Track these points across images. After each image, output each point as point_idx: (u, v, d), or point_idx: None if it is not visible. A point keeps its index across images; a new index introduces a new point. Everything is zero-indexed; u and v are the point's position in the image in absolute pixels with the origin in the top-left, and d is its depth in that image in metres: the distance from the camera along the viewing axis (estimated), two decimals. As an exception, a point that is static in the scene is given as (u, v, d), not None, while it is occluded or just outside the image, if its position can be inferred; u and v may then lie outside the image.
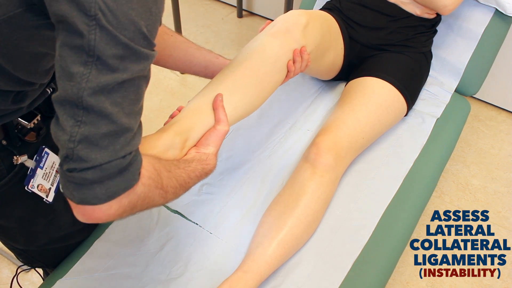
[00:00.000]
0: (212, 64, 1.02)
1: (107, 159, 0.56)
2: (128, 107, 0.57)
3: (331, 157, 1.05)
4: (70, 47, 0.53)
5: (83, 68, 0.52)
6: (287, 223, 0.98)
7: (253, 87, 0.95)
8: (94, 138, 0.55)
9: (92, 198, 0.57)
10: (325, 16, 1.23)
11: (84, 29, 0.51)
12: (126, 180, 0.59)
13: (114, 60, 0.53)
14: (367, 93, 1.17)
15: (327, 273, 0.98)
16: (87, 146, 0.55)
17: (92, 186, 0.56)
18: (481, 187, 1.78)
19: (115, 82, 0.54)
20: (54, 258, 1.05)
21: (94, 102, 0.53)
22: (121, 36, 0.53)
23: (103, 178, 0.56)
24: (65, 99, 0.54)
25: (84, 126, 0.54)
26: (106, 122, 0.55)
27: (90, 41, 0.52)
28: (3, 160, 0.77)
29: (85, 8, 0.51)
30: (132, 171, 0.60)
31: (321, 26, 1.13)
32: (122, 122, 0.56)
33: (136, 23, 0.54)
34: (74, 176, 0.56)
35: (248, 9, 2.61)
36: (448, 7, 1.18)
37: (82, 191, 0.57)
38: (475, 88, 1.41)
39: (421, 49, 1.29)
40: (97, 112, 0.54)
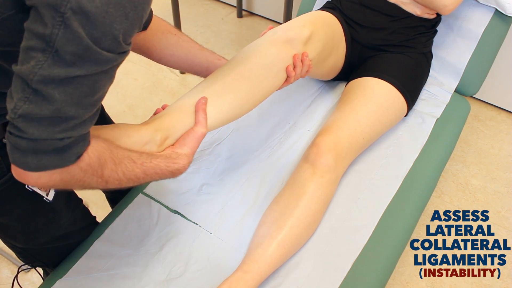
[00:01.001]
0: (213, 65, 1.01)
1: (44, 136, 0.59)
2: (79, 98, 0.58)
3: (331, 157, 1.05)
4: (34, 32, 0.54)
5: (41, 54, 0.54)
6: (287, 223, 0.98)
7: (244, 91, 0.94)
8: (35, 117, 0.57)
9: (22, 164, 0.61)
10: (329, 20, 1.22)
11: (49, 21, 0.53)
12: (59, 159, 0.62)
13: (72, 57, 0.55)
14: (368, 94, 1.17)
15: (327, 273, 0.98)
16: (26, 121, 0.57)
17: (25, 154, 0.60)
18: (481, 187, 1.78)
19: (68, 75, 0.56)
20: (54, 258, 1.05)
21: (42, 88, 0.56)
22: (86, 37, 0.54)
23: (36, 150, 0.59)
24: (20, 74, 0.56)
25: (29, 104, 0.57)
26: (50, 107, 0.57)
27: (53, 35, 0.53)
28: (4, 158, 0.77)
29: (57, 4, 0.52)
30: (68, 153, 0.62)
31: (325, 35, 1.12)
32: (67, 110, 0.58)
33: (107, 25, 0.54)
34: (10, 138, 0.59)
35: (248, 9, 2.61)
36: (448, 7, 1.18)
37: (15, 154, 0.60)
38: (475, 88, 1.41)
39: (422, 50, 1.29)
40: (44, 96, 0.56)
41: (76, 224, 1.03)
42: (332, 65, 1.26)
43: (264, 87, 0.97)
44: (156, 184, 1.16)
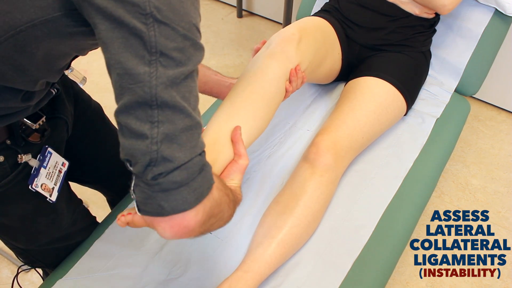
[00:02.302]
0: (211, 80, 1.04)
1: (189, 156, 0.55)
2: (193, 101, 0.57)
3: (331, 156, 1.05)
4: (129, 50, 0.52)
5: (148, 67, 0.52)
6: (287, 223, 0.98)
7: (261, 111, 0.94)
8: (174, 135, 0.54)
9: (182, 203, 0.55)
10: (319, 25, 1.22)
11: (143, 27, 0.51)
12: (207, 180, 0.58)
13: (177, 53, 0.53)
14: (367, 93, 1.17)
15: (327, 273, 0.98)
16: (170, 145, 0.53)
17: (180, 190, 0.55)
18: (481, 187, 1.78)
19: (182, 75, 0.54)
20: (54, 258, 1.05)
21: (168, 97, 0.53)
22: (179, 28, 0.53)
23: (188, 179, 0.55)
24: (135, 103, 0.52)
25: (162, 125, 0.53)
26: (182, 116, 0.54)
27: (151, 38, 0.51)
28: (7, 158, 0.77)
29: (140, 8, 0.51)
30: (208, 170, 0.59)
31: (314, 40, 1.13)
32: (193, 115, 0.56)
33: (188, 15, 0.54)
34: (162, 182, 0.54)
35: (248, 9, 2.61)
36: (447, 6, 1.18)
37: (171, 198, 0.55)
38: (475, 88, 1.41)
39: (420, 49, 1.29)
40: (172, 107, 0.53)
41: (76, 225, 1.03)
42: (328, 70, 1.26)
43: (275, 104, 0.99)
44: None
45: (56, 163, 0.87)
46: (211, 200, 0.59)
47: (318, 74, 1.22)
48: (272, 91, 0.97)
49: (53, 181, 0.86)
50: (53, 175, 0.86)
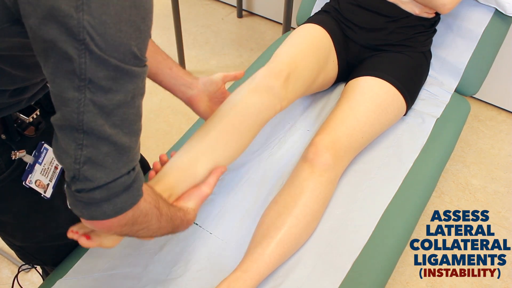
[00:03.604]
0: (162, 73, 1.00)
1: (112, 177, 0.58)
2: (128, 127, 0.58)
3: (330, 156, 1.05)
4: (61, 72, 0.53)
5: (77, 93, 0.53)
6: (286, 223, 0.98)
7: (234, 142, 0.99)
8: (97, 159, 0.56)
9: (100, 215, 0.60)
10: (312, 41, 1.22)
11: (74, 53, 0.51)
12: (132, 196, 0.62)
13: (107, 81, 0.53)
14: (366, 93, 1.17)
15: (327, 273, 0.98)
16: (92, 167, 0.56)
17: (100, 204, 0.59)
18: (481, 187, 1.78)
19: (112, 104, 0.55)
20: (53, 256, 1.04)
21: (93, 125, 0.54)
22: (111, 58, 0.52)
23: (110, 196, 0.59)
24: (64, 124, 0.55)
25: (86, 149, 0.56)
26: (107, 143, 0.56)
27: (81, 65, 0.51)
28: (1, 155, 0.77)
29: (74, 33, 0.50)
30: (136, 187, 0.62)
31: (305, 68, 1.14)
32: (122, 142, 0.57)
33: (125, 44, 0.53)
34: (83, 196, 0.58)
35: (248, 9, 2.61)
36: (447, 5, 1.18)
37: (91, 209, 0.60)
38: (475, 88, 1.41)
39: (421, 49, 1.29)
40: (97, 135, 0.55)
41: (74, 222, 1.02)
42: (322, 82, 1.27)
43: (252, 136, 1.03)
44: (156, 184, 1.16)
45: (52, 159, 0.86)
46: (135, 210, 0.64)
47: (311, 90, 1.25)
48: (250, 123, 1.01)
49: (49, 177, 0.86)
50: (49, 171, 0.86)
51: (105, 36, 0.51)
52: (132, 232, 0.69)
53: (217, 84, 1.04)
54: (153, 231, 0.73)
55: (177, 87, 1.01)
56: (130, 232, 0.69)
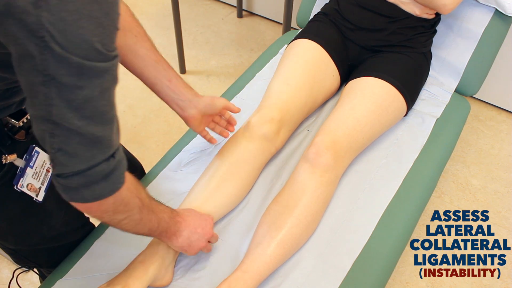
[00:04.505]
0: (160, 84, 0.97)
1: (87, 164, 0.59)
2: (99, 118, 0.58)
3: (331, 156, 1.05)
4: (26, 68, 0.52)
5: (43, 87, 0.53)
6: (287, 223, 0.98)
7: (234, 189, 1.06)
8: (68, 148, 0.57)
9: (79, 198, 0.62)
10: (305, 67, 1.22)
11: (35, 50, 0.50)
12: (111, 184, 0.63)
13: (70, 78, 0.53)
14: (367, 93, 1.17)
15: (327, 273, 0.98)
16: (64, 154, 0.58)
17: (78, 190, 0.61)
18: (481, 187, 1.78)
19: (79, 98, 0.54)
20: (47, 258, 1.04)
21: (62, 118, 0.55)
22: (73, 56, 0.52)
23: (88, 183, 0.61)
24: (36, 114, 0.56)
25: (57, 138, 0.57)
26: (76, 134, 0.57)
27: (43, 61, 0.51)
28: None
29: (33, 30, 0.49)
30: (117, 175, 0.64)
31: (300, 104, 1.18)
32: (93, 131, 0.58)
33: (87, 41, 0.52)
34: (61, 181, 0.60)
35: (248, 9, 2.61)
36: (448, 6, 1.18)
37: (70, 193, 0.62)
38: (475, 88, 1.41)
39: (421, 50, 1.29)
40: (66, 127, 0.56)
41: (68, 225, 1.02)
42: (322, 101, 1.29)
43: (252, 179, 1.10)
44: (156, 184, 1.16)
45: (44, 162, 0.85)
46: (116, 198, 0.65)
47: (310, 113, 1.27)
48: (247, 170, 1.08)
49: (40, 181, 0.85)
50: (41, 174, 0.85)
51: (65, 33, 0.50)
52: (114, 221, 0.71)
53: (216, 110, 1.04)
54: (135, 221, 0.74)
55: (175, 101, 0.99)
56: (112, 221, 0.71)
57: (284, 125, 1.14)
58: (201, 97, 1.01)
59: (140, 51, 0.93)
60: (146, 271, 0.91)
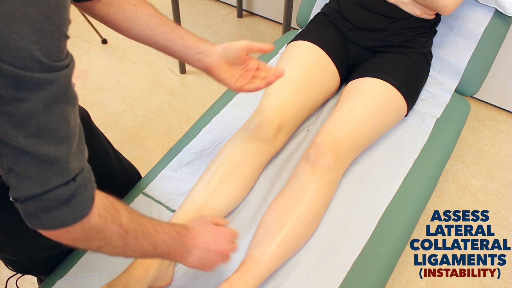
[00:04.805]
0: (172, 44, 0.91)
1: (41, 189, 0.53)
2: (49, 136, 0.52)
3: (331, 157, 1.05)
4: None
5: None
6: (287, 224, 0.98)
7: (235, 189, 1.06)
8: (18, 169, 0.52)
9: (40, 225, 0.56)
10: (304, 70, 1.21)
11: None
12: (73, 210, 0.56)
13: (7, 90, 0.47)
14: (367, 94, 1.17)
15: (327, 273, 0.98)
16: (16, 176, 0.52)
17: (38, 216, 0.55)
18: (481, 187, 1.78)
19: (20, 113, 0.48)
20: (45, 265, 1.03)
21: (5, 135, 0.49)
22: (5, 65, 0.46)
23: (46, 208, 0.54)
24: None
25: (6, 157, 0.51)
26: (24, 153, 0.51)
27: None
28: None
29: None
30: (80, 200, 0.57)
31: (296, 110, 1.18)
32: (44, 152, 0.51)
33: (22, 48, 0.46)
34: (19, 206, 0.55)
35: (248, 9, 2.61)
36: (448, 7, 1.18)
37: (30, 219, 0.56)
38: (475, 88, 1.41)
39: (421, 50, 1.29)
40: (11, 145, 0.50)
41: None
42: (322, 101, 1.29)
43: (252, 179, 1.10)
44: (156, 184, 1.16)
45: None
46: (84, 225, 0.58)
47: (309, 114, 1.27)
48: (246, 170, 1.08)
49: None
50: None
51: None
52: (92, 248, 0.64)
53: (238, 52, 0.93)
54: (119, 248, 0.66)
55: (192, 56, 0.92)
56: (90, 248, 0.65)
57: (284, 127, 1.14)
58: (216, 45, 0.95)
59: (142, 18, 0.89)
60: (146, 272, 0.90)
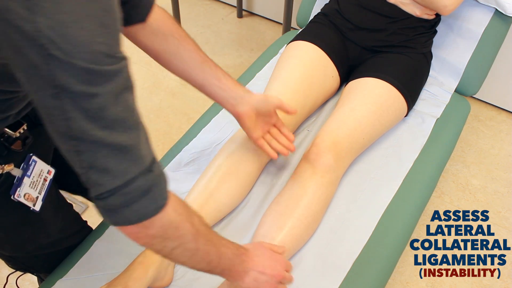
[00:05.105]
0: (209, 84, 0.94)
1: (122, 180, 0.55)
2: (121, 125, 0.54)
3: (332, 157, 1.05)
4: (33, 81, 0.49)
5: (55, 101, 0.49)
6: (287, 224, 0.98)
7: (235, 189, 1.05)
8: (97, 163, 0.53)
9: (123, 221, 0.58)
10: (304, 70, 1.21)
11: (38, 60, 0.47)
12: (154, 200, 0.59)
13: (81, 86, 0.49)
14: (367, 94, 1.17)
15: (327, 273, 0.98)
16: (96, 171, 0.54)
17: (120, 211, 0.57)
18: (481, 187, 1.78)
19: (94, 107, 0.50)
20: (44, 263, 1.03)
21: (82, 131, 0.51)
22: (79, 61, 0.47)
23: (128, 202, 0.56)
24: (57, 133, 0.52)
25: (83, 155, 0.53)
26: (102, 146, 0.53)
27: (49, 72, 0.47)
28: None
29: (32, 38, 0.45)
30: (158, 192, 0.59)
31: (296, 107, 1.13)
32: (119, 141, 0.53)
33: (91, 42, 0.48)
34: (101, 203, 0.57)
35: (248, 9, 2.61)
36: (448, 7, 1.18)
37: (113, 216, 0.58)
38: (475, 88, 1.41)
39: (421, 50, 1.29)
40: (89, 140, 0.52)
41: (65, 231, 1.01)
42: (322, 101, 1.28)
43: (252, 178, 1.10)
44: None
45: (41, 171, 0.83)
46: (162, 219, 0.60)
47: (309, 114, 1.26)
48: (247, 169, 1.07)
49: (37, 190, 0.83)
50: (38, 183, 0.83)
51: (66, 37, 0.46)
52: (167, 250, 0.65)
53: (271, 108, 0.98)
54: (190, 251, 0.67)
55: (226, 99, 0.95)
56: (164, 250, 0.65)
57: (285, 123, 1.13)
58: (253, 94, 0.97)
59: (184, 54, 0.91)
60: (146, 272, 0.90)
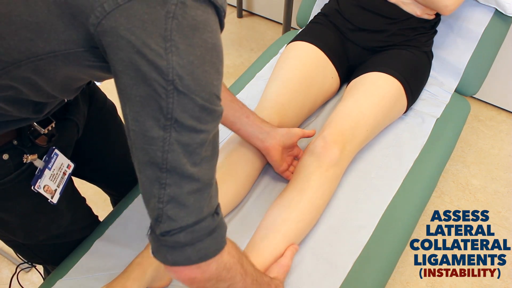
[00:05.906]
0: (239, 121, 1.02)
1: (195, 218, 0.58)
2: (207, 164, 0.58)
3: (338, 150, 1.05)
4: (147, 111, 0.53)
5: (163, 132, 0.53)
6: (291, 217, 0.98)
7: (232, 190, 1.05)
8: (180, 197, 0.56)
9: (184, 260, 0.60)
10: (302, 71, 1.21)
11: (162, 92, 0.52)
12: (216, 243, 0.61)
13: (192, 122, 0.54)
14: (370, 86, 1.18)
15: (327, 273, 0.98)
16: (175, 206, 0.57)
17: (184, 249, 0.59)
18: (481, 187, 1.78)
19: (196, 143, 0.55)
20: (53, 254, 1.04)
21: (177, 164, 0.55)
22: (198, 98, 0.53)
23: (194, 240, 0.59)
24: (147, 162, 0.56)
25: (169, 188, 0.56)
26: (189, 181, 0.56)
27: (169, 104, 0.52)
28: (12, 157, 0.78)
29: (163, 73, 0.51)
30: (220, 234, 0.62)
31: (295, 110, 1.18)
32: (203, 179, 0.58)
33: (209, 84, 0.54)
34: (167, 240, 0.58)
35: (248, 9, 2.61)
36: (449, 7, 1.18)
37: (175, 254, 0.59)
38: (475, 88, 1.41)
39: (423, 49, 1.29)
40: (180, 173, 0.56)
41: (76, 224, 1.03)
42: (321, 102, 1.29)
43: (251, 180, 1.10)
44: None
45: (61, 164, 0.86)
46: (218, 261, 0.63)
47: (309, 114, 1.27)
48: (245, 171, 1.07)
49: (57, 183, 0.86)
50: (57, 177, 0.86)
51: (193, 76, 0.53)
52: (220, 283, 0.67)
53: (293, 139, 1.08)
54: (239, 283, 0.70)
55: (255, 135, 1.03)
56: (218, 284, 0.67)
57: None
58: (277, 129, 1.06)
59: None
60: (144, 273, 0.91)
